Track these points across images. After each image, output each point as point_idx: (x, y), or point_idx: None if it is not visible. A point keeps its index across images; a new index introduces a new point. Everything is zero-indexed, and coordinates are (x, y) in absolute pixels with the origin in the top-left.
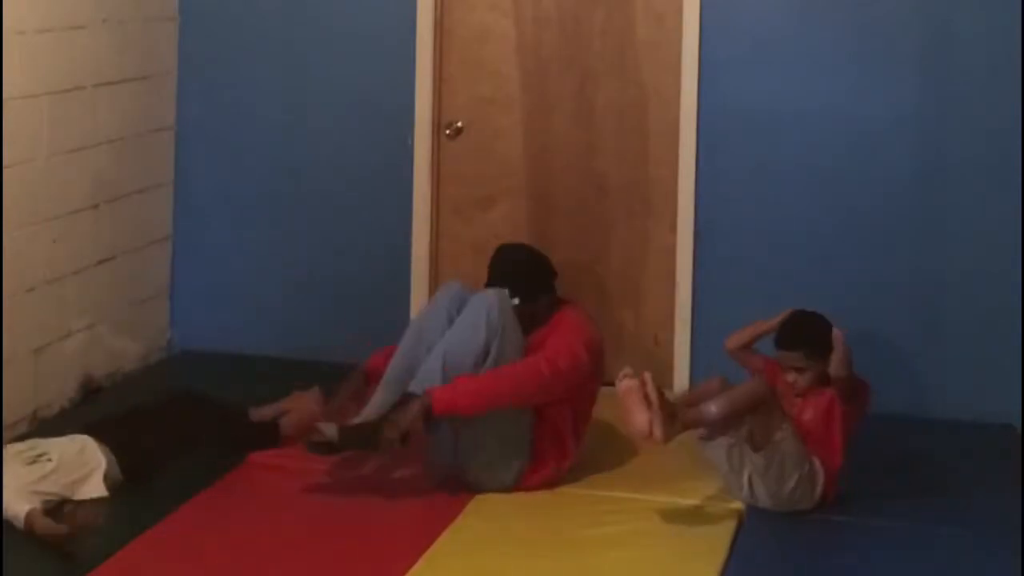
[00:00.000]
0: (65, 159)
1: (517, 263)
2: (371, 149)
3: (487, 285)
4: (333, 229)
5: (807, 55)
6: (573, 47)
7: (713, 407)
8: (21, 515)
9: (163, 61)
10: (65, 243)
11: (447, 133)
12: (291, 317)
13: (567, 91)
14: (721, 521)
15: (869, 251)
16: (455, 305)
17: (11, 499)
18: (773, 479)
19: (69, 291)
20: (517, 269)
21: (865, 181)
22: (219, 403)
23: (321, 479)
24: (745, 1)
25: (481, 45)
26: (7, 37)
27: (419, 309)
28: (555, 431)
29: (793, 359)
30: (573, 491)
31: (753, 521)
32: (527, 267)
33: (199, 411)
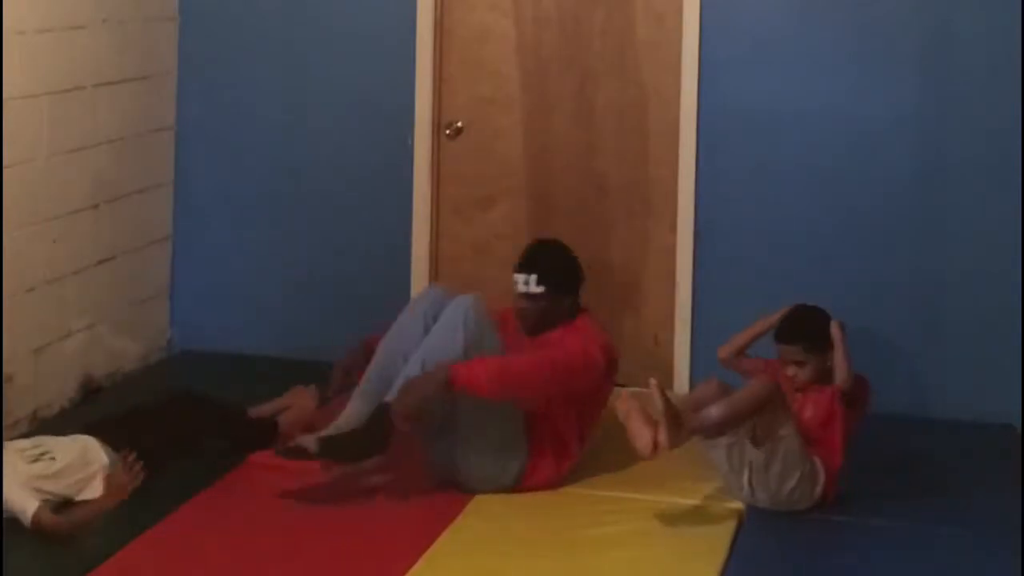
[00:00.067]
0: (65, 159)
1: (554, 255)
2: (371, 149)
3: (516, 270)
4: (333, 229)
5: (807, 55)
6: (573, 47)
7: (715, 411)
8: (29, 511)
9: (163, 61)
10: (65, 243)
11: (447, 133)
12: (291, 317)
13: (567, 91)
14: (721, 521)
15: (869, 251)
16: (432, 311)
17: (18, 495)
18: (774, 477)
19: (69, 291)
20: (553, 261)
21: (865, 181)
22: (218, 402)
23: (321, 479)
24: (745, 1)
25: (481, 45)
26: (7, 37)
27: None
28: (556, 432)
29: (793, 353)
30: (573, 491)
31: (753, 521)
32: (563, 262)
33: (198, 410)
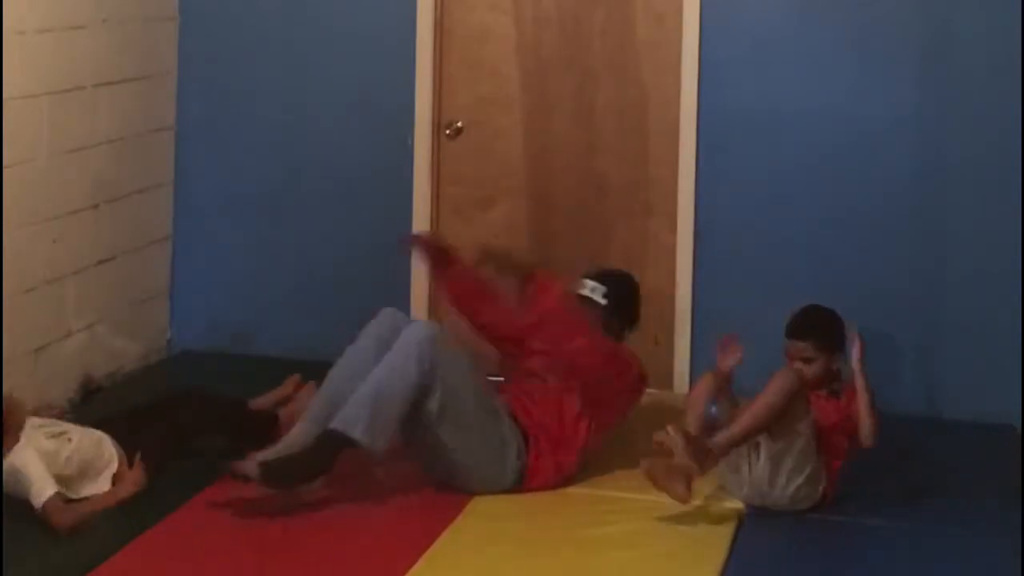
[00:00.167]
0: (65, 159)
1: (626, 281)
2: (371, 149)
3: (589, 276)
4: (333, 229)
5: (807, 55)
6: (573, 47)
7: (737, 429)
8: (45, 495)
9: (163, 61)
10: (65, 243)
11: (447, 133)
12: (291, 317)
13: (567, 91)
14: (721, 521)
15: (869, 251)
16: (387, 336)
17: (39, 474)
18: (785, 472)
19: (69, 291)
20: (622, 287)
21: (865, 181)
22: (218, 397)
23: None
24: (745, 1)
25: (481, 45)
26: (7, 37)
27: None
28: (561, 438)
29: (802, 349)
30: (573, 491)
31: (753, 521)
32: (629, 290)
33: (199, 407)
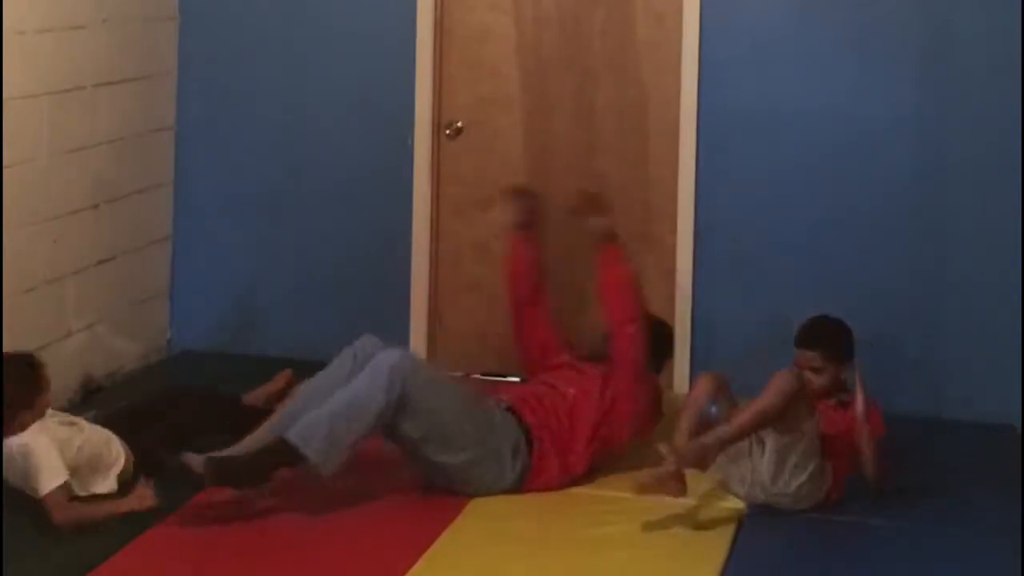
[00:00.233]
0: (65, 159)
1: (660, 331)
2: (371, 149)
3: None
4: (333, 229)
5: (807, 55)
6: (573, 47)
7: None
8: (55, 482)
9: (163, 61)
10: (65, 243)
11: (447, 133)
12: (291, 317)
13: (567, 91)
14: (721, 521)
15: (869, 251)
16: (362, 361)
17: (50, 460)
18: (789, 469)
19: (69, 291)
20: (659, 334)
21: (865, 181)
22: (212, 394)
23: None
24: (745, 1)
25: (481, 45)
26: (7, 37)
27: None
28: (566, 445)
29: (811, 359)
30: (573, 491)
31: (753, 521)
32: (661, 332)
33: (196, 405)
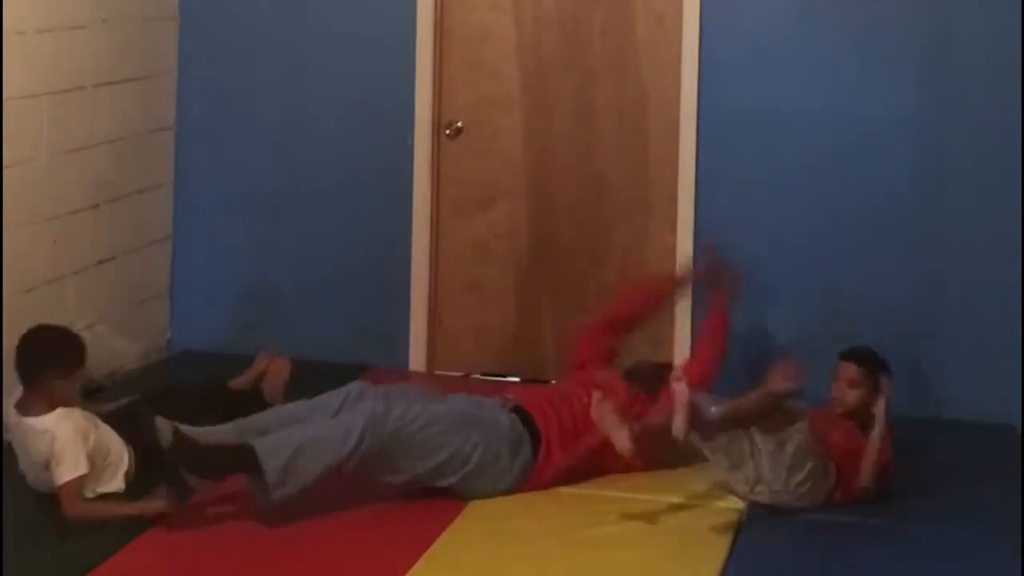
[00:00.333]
0: (65, 159)
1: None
2: (371, 149)
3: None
4: (333, 229)
5: (807, 55)
6: (573, 47)
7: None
8: (75, 472)
9: (163, 61)
10: (65, 243)
11: (447, 133)
12: (291, 317)
13: (567, 91)
14: (721, 521)
15: (869, 251)
16: (350, 402)
17: (75, 448)
18: (783, 467)
19: (69, 291)
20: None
21: (865, 181)
22: (198, 386)
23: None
24: (745, 1)
25: (481, 45)
26: (7, 37)
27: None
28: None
29: (850, 371)
30: (573, 491)
31: (753, 521)
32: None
33: (185, 398)
